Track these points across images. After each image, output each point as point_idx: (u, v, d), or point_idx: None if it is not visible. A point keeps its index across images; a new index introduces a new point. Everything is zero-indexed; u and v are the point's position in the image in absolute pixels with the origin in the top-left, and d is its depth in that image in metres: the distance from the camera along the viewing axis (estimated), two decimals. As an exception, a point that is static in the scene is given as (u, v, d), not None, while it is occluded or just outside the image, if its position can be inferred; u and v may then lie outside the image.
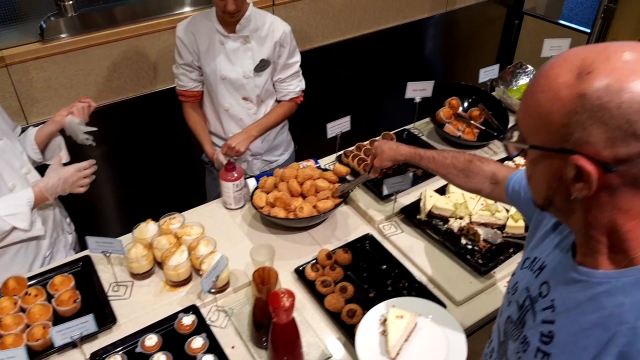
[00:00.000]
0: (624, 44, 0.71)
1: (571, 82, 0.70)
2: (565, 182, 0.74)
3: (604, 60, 0.69)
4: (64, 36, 2.32)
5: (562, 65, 0.72)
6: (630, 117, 0.66)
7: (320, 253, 1.68)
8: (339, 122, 2.00)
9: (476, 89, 2.34)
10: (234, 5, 1.92)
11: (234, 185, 1.87)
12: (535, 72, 2.49)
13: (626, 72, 0.67)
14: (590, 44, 0.75)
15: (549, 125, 0.72)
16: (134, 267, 1.60)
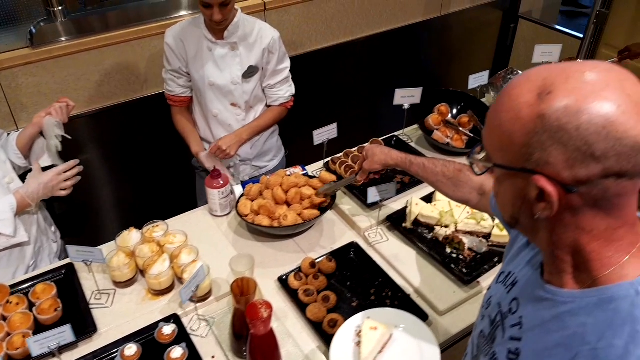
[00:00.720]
0: (586, 64, 0.70)
1: (532, 102, 0.69)
2: (528, 202, 0.74)
3: (564, 80, 0.68)
4: (54, 41, 2.32)
5: (525, 84, 0.72)
6: (589, 138, 0.65)
7: (304, 262, 1.68)
8: (325, 129, 1.99)
9: (466, 95, 2.33)
10: (220, 15, 1.92)
11: (219, 192, 1.86)
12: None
13: (585, 93, 0.66)
14: (555, 63, 0.75)
15: (511, 145, 0.72)
16: (116, 275, 1.59)
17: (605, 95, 0.66)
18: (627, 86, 0.67)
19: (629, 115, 0.65)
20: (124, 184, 2.78)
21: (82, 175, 2.57)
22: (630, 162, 0.67)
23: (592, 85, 0.67)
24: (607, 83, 0.67)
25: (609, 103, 0.65)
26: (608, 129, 0.65)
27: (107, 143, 2.62)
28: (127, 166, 2.74)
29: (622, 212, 0.72)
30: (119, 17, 2.44)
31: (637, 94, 0.67)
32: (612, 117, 0.65)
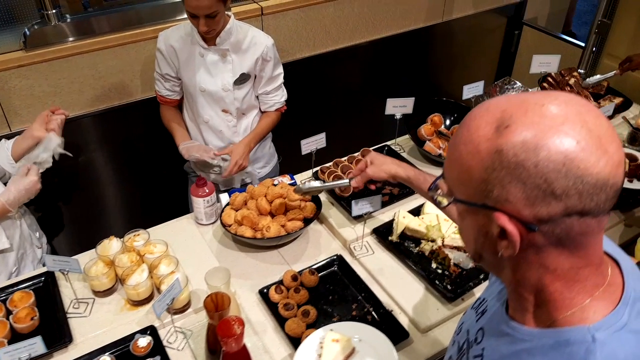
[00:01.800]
0: (547, 96, 0.67)
1: (490, 135, 0.66)
2: (491, 239, 0.71)
3: (522, 113, 0.65)
4: (47, 44, 2.31)
5: (484, 116, 0.69)
6: (548, 176, 0.62)
7: (286, 274, 1.65)
8: (313, 139, 1.97)
9: (460, 106, 2.29)
10: (205, 26, 1.91)
11: (204, 201, 1.84)
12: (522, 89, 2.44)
13: (544, 128, 0.63)
14: (515, 94, 0.72)
15: (470, 180, 0.69)
16: (95, 284, 1.58)
17: (565, 130, 0.63)
18: (587, 119, 0.64)
19: (590, 151, 0.62)
20: (116, 188, 2.77)
21: (74, 178, 2.60)
22: (593, 200, 0.63)
23: (551, 119, 0.64)
24: (567, 117, 0.64)
25: (568, 138, 0.62)
26: (568, 166, 0.62)
27: (101, 146, 2.62)
28: (120, 170, 2.73)
29: (587, 250, 0.69)
30: (114, 20, 2.42)
31: (598, 128, 0.64)
32: (572, 153, 0.62)
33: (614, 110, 2.30)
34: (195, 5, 1.86)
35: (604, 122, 0.65)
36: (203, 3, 1.85)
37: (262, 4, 2.72)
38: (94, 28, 2.39)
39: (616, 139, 0.66)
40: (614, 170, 0.64)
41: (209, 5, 1.86)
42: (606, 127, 0.65)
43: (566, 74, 2.56)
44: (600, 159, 0.63)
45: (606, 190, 0.64)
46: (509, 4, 3.71)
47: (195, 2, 1.85)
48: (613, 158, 0.64)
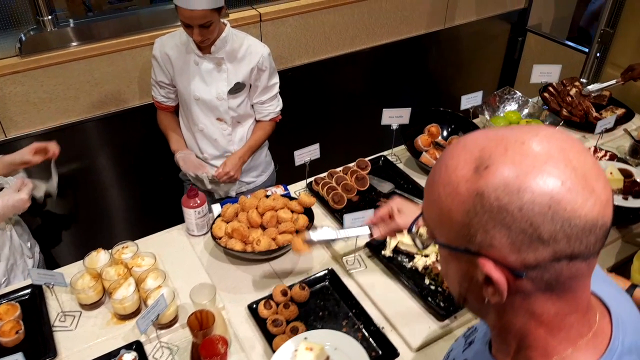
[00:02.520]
0: (528, 132, 0.63)
1: (469, 176, 0.63)
2: (476, 284, 0.67)
3: (502, 152, 0.61)
4: (43, 51, 2.29)
5: (462, 154, 0.65)
6: (533, 220, 0.59)
7: (276, 289, 1.63)
8: (307, 150, 1.94)
9: (458, 116, 2.26)
10: (199, 36, 1.89)
11: (195, 212, 1.82)
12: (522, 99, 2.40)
13: (526, 168, 0.59)
14: (495, 128, 0.67)
15: (451, 223, 0.65)
16: (82, 298, 1.56)
17: (548, 170, 0.59)
18: (571, 157, 0.61)
19: (576, 191, 0.59)
20: (112, 195, 2.76)
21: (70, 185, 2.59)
22: (583, 243, 0.60)
23: (533, 157, 0.60)
24: (549, 155, 0.60)
25: (552, 179, 0.59)
26: (554, 209, 0.58)
27: (97, 153, 2.60)
28: (116, 177, 2.72)
29: (575, 294, 0.65)
30: (110, 26, 2.41)
31: (583, 165, 0.60)
32: (558, 195, 0.58)
33: (615, 121, 2.25)
34: (189, 16, 1.84)
35: (588, 159, 0.62)
36: (196, 13, 1.83)
37: (261, 11, 2.70)
38: (90, 34, 2.38)
39: (602, 176, 0.62)
40: (603, 210, 0.60)
41: (202, 15, 1.84)
42: (591, 163, 0.62)
43: (568, 84, 2.52)
44: (587, 199, 0.59)
45: (595, 232, 0.60)
46: (513, 10, 3.67)
47: (188, 12, 1.83)
48: (601, 197, 0.60)
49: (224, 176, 2.09)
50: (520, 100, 2.44)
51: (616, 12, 2.71)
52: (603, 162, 1.97)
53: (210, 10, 1.85)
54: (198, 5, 1.81)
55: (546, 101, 2.46)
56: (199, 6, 1.81)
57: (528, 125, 0.66)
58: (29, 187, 1.69)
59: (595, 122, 2.29)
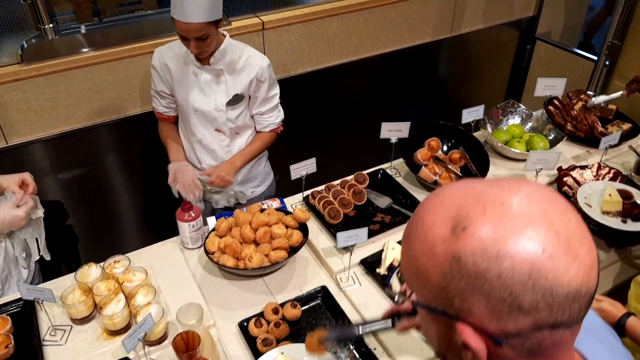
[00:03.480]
0: (508, 189, 0.60)
1: (446, 236, 0.60)
2: (455, 347, 0.64)
3: (480, 212, 0.59)
4: (44, 58, 2.30)
5: (439, 210, 0.62)
6: (513, 288, 0.56)
7: (267, 307, 1.61)
8: (303, 164, 1.92)
9: (459, 130, 2.22)
10: (195, 49, 1.88)
11: (189, 225, 1.81)
12: (525, 112, 2.36)
13: (505, 232, 0.57)
14: (473, 182, 0.64)
15: (428, 284, 0.63)
16: (72, 312, 1.56)
17: (529, 235, 0.56)
18: (553, 219, 0.58)
19: (558, 258, 0.56)
20: (113, 202, 2.76)
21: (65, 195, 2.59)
22: (565, 313, 0.57)
23: (513, 220, 0.57)
24: (530, 217, 0.57)
25: (533, 244, 0.56)
26: (534, 277, 0.55)
27: (97, 160, 2.60)
28: (117, 184, 2.72)
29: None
30: (111, 35, 2.41)
31: (566, 228, 0.58)
32: (538, 262, 0.55)
33: (621, 137, 2.21)
34: (185, 28, 1.83)
35: (572, 220, 0.59)
36: (192, 26, 1.82)
37: (264, 19, 2.68)
38: (91, 42, 2.38)
39: (586, 238, 0.59)
40: (587, 276, 0.57)
41: (198, 28, 1.83)
42: (575, 225, 0.59)
43: (573, 97, 2.47)
44: (570, 266, 0.56)
45: (579, 300, 0.57)
46: (521, 18, 3.62)
47: (184, 25, 1.82)
48: (584, 262, 0.57)
49: (217, 179, 2.06)
50: (523, 113, 2.40)
51: (624, 25, 2.65)
52: (602, 183, 1.93)
53: (207, 24, 1.84)
54: (194, 18, 1.80)
55: (550, 114, 2.41)
56: (194, 19, 1.80)
57: (510, 180, 0.62)
58: (28, 206, 1.69)
59: (601, 137, 2.24)
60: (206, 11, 1.81)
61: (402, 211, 1.95)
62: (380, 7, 2.98)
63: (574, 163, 2.22)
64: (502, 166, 2.23)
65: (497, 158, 2.26)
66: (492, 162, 2.22)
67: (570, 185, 2.01)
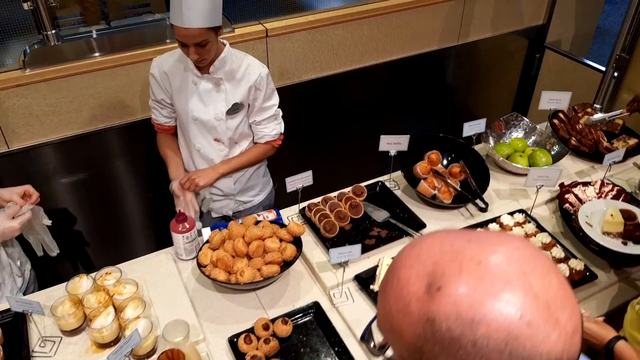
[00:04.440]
0: (487, 247, 0.57)
1: (420, 294, 0.57)
2: None
3: (456, 272, 0.56)
4: (46, 64, 2.31)
5: (415, 265, 0.60)
6: (489, 356, 0.53)
7: (257, 323, 1.60)
8: (299, 177, 1.91)
9: (460, 144, 2.19)
10: (196, 55, 1.86)
11: (183, 237, 1.80)
12: (530, 125, 2.32)
13: (481, 296, 0.53)
14: (453, 235, 0.61)
15: (402, 342, 0.60)
16: (62, 324, 1.55)
17: (506, 299, 0.53)
18: (533, 281, 0.54)
19: (537, 325, 0.53)
20: (115, 208, 2.76)
21: (68, 199, 2.60)
22: None
23: (490, 282, 0.54)
24: (508, 280, 0.54)
25: (510, 309, 0.53)
26: (511, 345, 0.52)
27: (99, 165, 2.61)
28: (119, 190, 2.72)
29: None
30: (113, 41, 2.41)
31: (547, 291, 0.54)
32: (516, 330, 0.52)
33: (625, 153, 2.16)
34: (184, 34, 1.82)
35: (553, 281, 0.56)
36: (191, 32, 1.81)
37: (267, 26, 2.67)
38: (93, 48, 2.38)
39: (569, 301, 0.56)
40: (568, 344, 0.54)
41: (198, 34, 1.81)
42: (556, 287, 0.56)
43: (579, 110, 2.43)
44: (550, 333, 0.53)
45: None
46: (531, 26, 3.57)
47: (183, 30, 1.81)
48: (566, 329, 0.54)
49: (186, 180, 2.04)
50: (527, 127, 2.36)
51: (632, 37, 2.60)
52: (604, 202, 1.89)
53: (206, 29, 1.83)
54: (193, 24, 1.79)
55: (555, 128, 2.37)
56: (193, 24, 1.79)
57: (490, 236, 0.59)
58: (24, 217, 1.69)
59: (606, 152, 2.20)
60: (205, 17, 1.80)
61: (399, 226, 1.93)
62: (385, 15, 2.96)
63: (577, 179, 2.18)
64: (503, 180, 2.20)
65: (498, 172, 2.23)
66: (494, 177, 2.19)
67: (572, 203, 1.97)
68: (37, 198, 1.81)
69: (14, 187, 1.80)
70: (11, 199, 1.74)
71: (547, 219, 2.03)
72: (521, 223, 1.93)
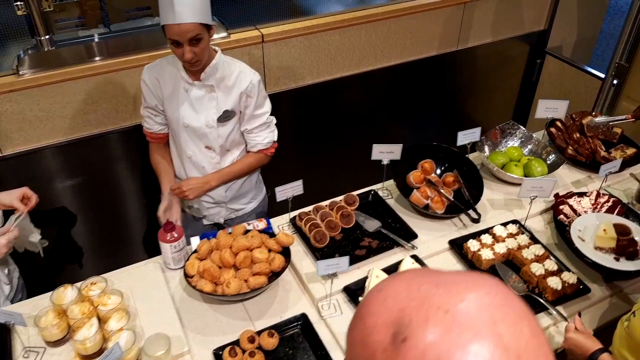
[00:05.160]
0: (456, 294, 0.54)
1: (386, 344, 0.54)
2: None
3: (422, 321, 0.52)
4: (40, 70, 2.30)
5: (381, 311, 0.56)
6: None
7: (243, 335, 1.58)
8: (289, 186, 1.89)
9: (454, 152, 2.16)
10: (190, 53, 1.84)
11: (171, 246, 1.79)
12: (526, 134, 2.29)
13: (447, 347, 0.50)
14: (420, 277, 0.58)
15: None
16: (45, 335, 1.54)
17: (475, 351, 0.50)
18: (503, 330, 0.51)
19: None
20: (109, 213, 2.75)
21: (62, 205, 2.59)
22: None
23: (457, 333, 0.51)
24: (477, 330, 0.51)
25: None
26: None
27: (93, 170, 2.60)
28: (113, 195, 2.71)
29: None
30: (107, 47, 2.40)
31: (517, 342, 0.51)
32: None
33: (623, 162, 2.13)
34: (178, 31, 1.80)
35: (524, 330, 0.53)
36: (184, 27, 1.79)
37: (264, 31, 2.65)
38: (87, 54, 2.37)
39: (542, 349, 0.53)
40: None
41: (191, 28, 1.80)
42: (528, 336, 0.52)
43: (577, 118, 2.39)
44: None
45: None
46: (532, 31, 3.54)
47: (177, 27, 1.79)
48: None
49: (176, 188, 2.03)
50: (523, 135, 2.33)
51: (632, 46, 2.56)
52: (595, 216, 1.85)
53: (199, 25, 1.81)
54: (186, 19, 1.78)
55: (552, 136, 2.34)
56: (186, 19, 1.78)
57: (460, 279, 0.56)
58: (12, 235, 1.68)
59: (603, 161, 2.17)
60: (196, 12, 1.80)
61: (391, 236, 1.90)
62: (383, 20, 2.93)
63: (574, 189, 2.15)
64: (498, 190, 2.17)
65: (493, 181, 2.20)
66: (489, 186, 2.16)
67: (567, 214, 1.94)
68: (36, 200, 1.82)
69: (13, 191, 1.80)
70: (12, 204, 1.74)
71: (541, 230, 2.00)
72: (514, 234, 1.90)
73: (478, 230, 1.94)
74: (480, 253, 1.80)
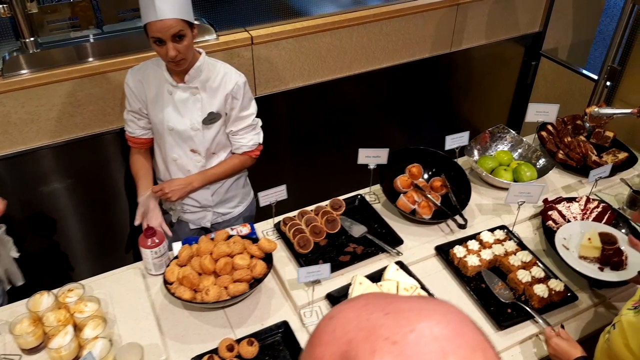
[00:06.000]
0: (406, 322, 0.51)
1: None
2: None
3: (368, 354, 0.50)
4: (25, 72, 2.28)
5: (329, 343, 0.54)
6: None
7: (222, 343, 1.55)
8: (273, 191, 1.86)
9: (442, 157, 2.13)
10: (174, 51, 1.81)
11: (152, 252, 1.76)
12: (516, 137, 2.26)
13: None
14: (371, 303, 0.56)
15: None
16: (21, 342, 1.51)
17: None
18: None
19: None
20: (97, 216, 2.73)
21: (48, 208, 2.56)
22: None
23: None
24: None
25: None
26: None
27: (79, 173, 2.57)
28: (100, 198, 2.69)
29: None
30: (94, 49, 2.37)
31: None
32: None
33: (614, 167, 2.09)
34: (160, 27, 1.78)
35: None
36: (167, 23, 1.76)
37: (253, 33, 2.62)
38: (73, 56, 2.35)
39: None
40: None
41: (174, 24, 1.77)
42: None
43: (569, 122, 2.36)
44: None
45: None
46: (526, 33, 3.50)
47: (159, 24, 1.77)
48: None
49: (158, 190, 2.00)
50: (514, 139, 2.30)
51: (625, 48, 2.52)
52: (579, 225, 1.82)
53: (181, 21, 1.79)
54: (167, 15, 1.75)
55: (543, 140, 2.31)
56: (168, 15, 1.75)
57: (412, 307, 0.54)
58: None
59: (594, 166, 2.14)
60: (178, 8, 1.78)
61: (376, 241, 1.87)
62: (375, 22, 2.90)
63: (564, 193, 2.12)
64: (486, 194, 2.14)
65: (482, 186, 2.17)
66: (477, 190, 2.13)
67: (556, 220, 1.91)
68: (3, 207, 1.78)
69: None
70: None
71: (530, 236, 1.97)
72: (502, 240, 1.87)
73: (465, 236, 1.91)
74: (466, 259, 1.77)
